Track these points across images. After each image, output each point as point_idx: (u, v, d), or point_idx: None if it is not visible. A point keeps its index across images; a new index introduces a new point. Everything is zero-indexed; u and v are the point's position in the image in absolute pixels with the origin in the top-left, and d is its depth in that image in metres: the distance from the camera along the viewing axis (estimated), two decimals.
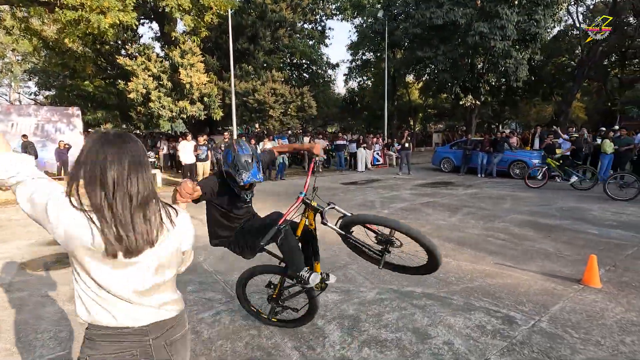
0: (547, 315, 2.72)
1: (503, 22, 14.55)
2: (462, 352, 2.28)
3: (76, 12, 8.85)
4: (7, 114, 12.41)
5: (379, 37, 23.08)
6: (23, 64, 23.88)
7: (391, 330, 2.54)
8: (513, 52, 15.65)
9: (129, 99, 13.33)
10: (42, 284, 3.49)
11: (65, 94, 19.37)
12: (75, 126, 13.43)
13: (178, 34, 13.62)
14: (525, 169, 10.99)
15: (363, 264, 3.89)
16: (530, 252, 4.17)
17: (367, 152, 14.96)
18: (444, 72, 18.21)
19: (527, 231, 5.06)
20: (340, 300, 3.04)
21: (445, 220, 5.77)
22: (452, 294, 3.12)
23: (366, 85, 31.80)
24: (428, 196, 8.15)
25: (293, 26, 19.38)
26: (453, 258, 4.01)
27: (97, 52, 16.28)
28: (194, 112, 13.47)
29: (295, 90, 16.90)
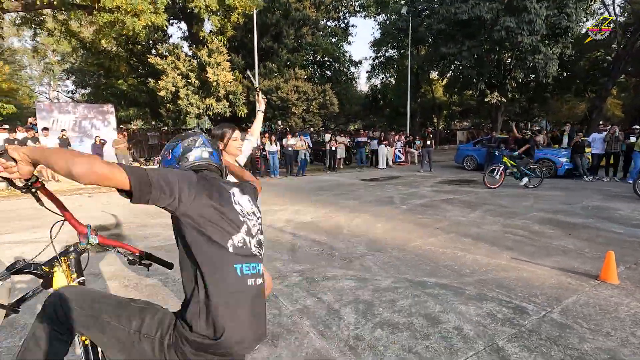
0: (559, 307, 2.77)
1: (531, 17, 14.14)
2: (471, 336, 2.40)
3: (112, 14, 9.39)
4: (49, 111, 13.31)
5: (403, 33, 22.89)
6: (62, 63, 25.36)
7: (403, 315, 2.69)
8: (542, 47, 15.17)
9: (159, 97, 13.97)
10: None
11: (100, 92, 20.43)
12: (109, 122, 14.21)
13: (206, 33, 14.10)
14: (552, 168, 10.73)
15: (379, 255, 4.04)
16: (549, 249, 4.17)
17: (389, 149, 14.96)
18: (469, 68, 17.88)
19: (547, 228, 5.02)
20: (356, 286, 3.20)
21: (464, 217, 5.80)
22: (466, 284, 3.22)
23: (389, 83, 31.56)
24: (448, 193, 8.14)
25: (316, 24, 19.57)
26: (469, 252, 4.08)
27: (130, 52, 17.08)
28: (220, 109, 13.94)
29: (317, 87, 17.11)
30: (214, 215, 1.13)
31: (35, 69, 33.10)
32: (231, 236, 1.16)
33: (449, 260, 3.82)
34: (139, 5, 8.56)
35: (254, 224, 1.25)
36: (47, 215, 1.42)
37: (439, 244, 4.39)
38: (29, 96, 32.87)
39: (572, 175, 10.45)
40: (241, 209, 1.23)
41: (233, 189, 1.27)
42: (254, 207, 1.30)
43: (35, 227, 5.34)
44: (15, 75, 31.32)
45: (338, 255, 4.05)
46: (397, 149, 15.96)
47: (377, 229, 5.17)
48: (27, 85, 33.95)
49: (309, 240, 4.62)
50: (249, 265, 1.18)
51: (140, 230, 5.16)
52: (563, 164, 10.51)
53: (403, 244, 4.40)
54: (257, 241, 1.26)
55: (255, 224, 1.27)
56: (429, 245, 4.37)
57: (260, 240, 1.29)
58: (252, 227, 1.24)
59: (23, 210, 6.90)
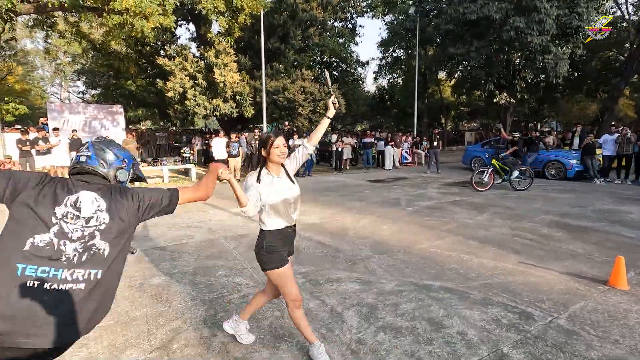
0: (566, 313, 2.72)
1: (541, 16, 13.95)
2: (475, 341, 2.37)
3: (121, 16, 9.50)
4: (60, 111, 13.52)
5: (410, 34, 22.76)
6: (73, 64, 25.77)
7: (407, 319, 2.66)
8: (552, 47, 14.95)
9: (167, 98, 14.08)
10: None
11: (110, 93, 20.69)
12: (118, 123, 14.38)
13: (213, 35, 14.18)
14: (562, 170, 10.56)
15: (384, 258, 4.02)
16: (557, 253, 4.10)
17: (395, 150, 14.89)
18: (478, 68, 17.70)
19: (556, 232, 4.94)
20: (360, 289, 3.19)
21: (472, 219, 5.74)
22: (471, 288, 3.18)
23: (396, 83, 31.41)
24: (455, 195, 8.07)
25: (323, 24, 19.54)
26: (475, 255, 4.04)
27: (139, 53, 17.26)
28: (227, 110, 14.00)
29: (324, 88, 17.08)
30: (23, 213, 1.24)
31: (47, 70, 33.69)
32: (33, 235, 1.23)
33: (455, 264, 3.79)
34: (148, 8, 8.64)
35: (75, 228, 1.28)
36: None
37: (445, 247, 4.35)
38: (41, 97, 33.48)
39: (583, 178, 10.27)
40: (68, 211, 1.28)
41: (82, 192, 1.33)
42: (99, 213, 1.33)
43: None
44: (27, 76, 31.93)
45: (343, 258, 4.04)
46: (404, 150, 15.87)
47: (383, 231, 5.15)
48: (39, 86, 34.57)
49: (314, 242, 4.61)
50: (43, 268, 1.22)
51: (146, 231, 5.21)
52: (573, 165, 10.34)
53: (409, 247, 4.37)
54: (80, 244, 1.28)
55: (79, 228, 1.29)
56: (435, 248, 4.33)
57: (89, 243, 1.30)
58: (72, 231, 1.27)
59: None
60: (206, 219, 6.00)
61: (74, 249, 1.27)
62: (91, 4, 10.46)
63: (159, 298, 3.05)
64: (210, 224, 5.66)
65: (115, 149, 1.52)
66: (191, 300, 3.00)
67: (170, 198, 1.52)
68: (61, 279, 1.23)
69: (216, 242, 4.66)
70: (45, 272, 1.22)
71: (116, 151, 1.52)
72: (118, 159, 1.51)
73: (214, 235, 4.98)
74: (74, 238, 1.27)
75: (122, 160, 1.52)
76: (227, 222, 5.79)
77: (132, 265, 3.80)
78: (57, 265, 1.24)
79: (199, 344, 2.37)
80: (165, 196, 1.51)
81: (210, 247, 4.47)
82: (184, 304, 2.95)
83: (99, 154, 1.46)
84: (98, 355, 2.25)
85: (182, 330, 2.54)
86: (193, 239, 4.83)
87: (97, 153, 1.46)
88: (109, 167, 1.46)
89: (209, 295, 3.10)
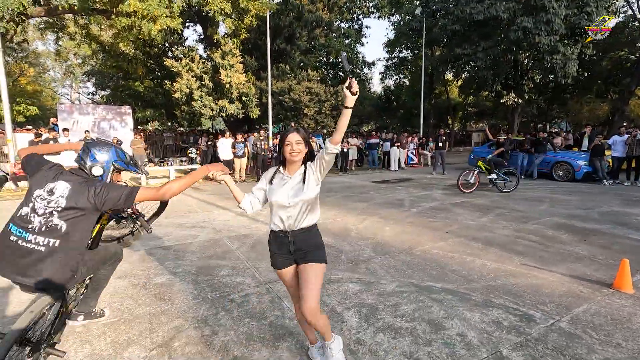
0: (568, 316, 2.70)
1: (549, 16, 13.79)
2: (475, 343, 2.36)
3: (129, 18, 9.64)
4: (70, 112, 13.75)
5: (417, 34, 22.69)
6: (83, 66, 26.15)
7: (406, 320, 2.66)
8: (560, 48, 14.77)
9: (174, 99, 14.24)
10: None
11: (119, 94, 20.95)
12: (126, 123, 14.58)
13: (220, 36, 14.30)
14: (570, 171, 10.44)
15: (386, 259, 4.02)
16: (561, 255, 4.06)
17: (401, 151, 14.85)
18: (485, 69, 17.57)
19: (561, 234, 4.89)
20: (361, 290, 3.20)
21: (475, 221, 5.70)
22: (472, 290, 3.17)
23: (403, 84, 31.32)
24: (460, 196, 8.02)
25: (329, 25, 19.57)
26: (478, 257, 4.01)
27: (147, 55, 17.48)
28: (233, 111, 14.10)
29: (330, 89, 17.12)
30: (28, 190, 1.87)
31: (58, 72, 34.25)
32: (19, 207, 1.84)
33: (457, 265, 3.77)
34: (155, 11, 8.75)
35: (40, 206, 1.79)
36: None
37: (448, 248, 4.33)
38: (52, 98, 34.05)
39: (591, 179, 10.14)
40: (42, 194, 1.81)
41: (60, 181, 1.83)
42: (60, 198, 1.80)
43: None
44: (39, 77, 32.50)
45: (344, 258, 4.05)
46: (410, 151, 15.81)
47: (385, 232, 5.15)
48: (50, 87, 35.17)
49: None
50: (19, 230, 1.79)
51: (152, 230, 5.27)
52: (581, 167, 10.21)
53: (411, 248, 4.37)
54: (43, 218, 1.78)
55: (43, 206, 1.79)
56: (438, 249, 4.32)
57: (49, 219, 1.78)
58: (38, 208, 1.79)
59: None
60: (211, 219, 6.06)
61: (39, 222, 1.78)
62: (100, 6, 10.63)
63: (162, 296, 3.09)
64: (214, 224, 5.71)
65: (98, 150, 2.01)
66: (193, 299, 3.04)
67: (127, 197, 1.87)
68: (27, 239, 1.78)
69: (220, 242, 4.70)
70: (20, 232, 1.78)
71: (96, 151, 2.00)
72: (95, 158, 1.98)
73: (218, 235, 5.03)
74: (39, 213, 1.79)
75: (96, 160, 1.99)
76: (231, 222, 5.84)
77: (137, 264, 3.86)
78: (27, 229, 1.78)
79: (200, 342, 2.40)
80: (123, 195, 1.86)
81: (214, 246, 4.52)
82: (186, 302, 2.99)
83: (84, 153, 1.97)
84: (101, 352, 2.30)
85: (183, 328, 2.58)
86: (197, 238, 4.88)
87: (83, 152, 1.97)
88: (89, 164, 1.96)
89: (211, 295, 3.13)
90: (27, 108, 16.16)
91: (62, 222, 1.77)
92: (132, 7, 8.83)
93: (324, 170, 1.92)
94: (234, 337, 2.46)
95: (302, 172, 1.94)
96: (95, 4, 10.70)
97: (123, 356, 2.26)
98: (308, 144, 1.95)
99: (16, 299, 3.07)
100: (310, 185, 1.91)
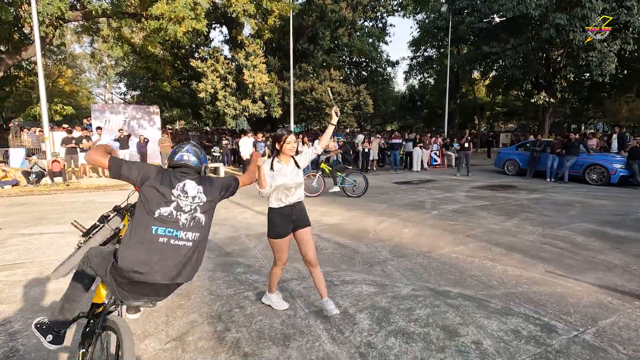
0: (593, 328, 2.56)
1: (585, 12, 13.08)
2: (490, 352, 2.28)
3: (158, 21, 9.99)
4: (102, 111, 14.40)
5: (442, 32, 22.18)
6: (115, 67, 27.33)
7: (420, 325, 2.61)
8: (597, 44, 13.98)
9: (199, 98, 14.61)
10: None
11: (148, 94, 21.78)
12: (154, 122, 15.09)
13: (244, 37, 14.55)
14: (605, 175, 9.88)
15: (402, 261, 3.95)
16: (590, 263, 3.85)
17: (424, 151, 14.56)
18: (514, 67, 16.91)
19: (591, 241, 4.64)
20: (375, 292, 3.16)
21: (498, 225, 5.51)
22: (491, 297, 3.06)
23: (427, 83, 30.70)
24: (484, 199, 7.77)
25: (353, 25, 19.48)
26: (499, 262, 3.87)
27: (175, 56, 18.04)
28: (256, 111, 14.31)
29: (352, 88, 17.04)
30: (152, 193, 1.77)
31: (93, 73, 35.97)
32: (159, 207, 1.76)
33: (476, 270, 3.66)
34: (181, 12, 9.02)
35: (186, 204, 1.81)
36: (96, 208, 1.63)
37: (468, 253, 4.21)
38: (87, 98, 35.81)
39: (628, 184, 9.56)
40: (179, 193, 1.81)
41: (186, 180, 1.86)
42: (199, 194, 1.87)
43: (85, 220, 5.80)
44: (76, 78, 34.27)
45: (360, 259, 4.02)
46: (433, 152, 15.48)
47: (403, 234, 5.06)
48: (86, 88, 37.01)
49: (333, 243, 4.62)
50: (168, 230, 1.75)
51: None
52: (617, 170, 9.64)
53: (429, 251, 4.27)
54: (189, 215, 1.81)
55: (188, 204, 1.82)
56: (457, 253, 4.20)
57: (194, 214, 1.83)
58: (184, 206, 1.81)
59: (78, 204, 7.53)
60: (231, 217, 6.17)
61: (186, 218, 1.80)
62: (131, 10, 11.07)
63: (179, 291, 3.18)
64: (234, 222, 5.81)
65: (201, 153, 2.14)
66: (209, 295, 3.11)
67: (234, 184, 2.14)
68: (179, 237, 1.77)
69: (238, 240, 4.78)
70: (171, 232, 1.76)
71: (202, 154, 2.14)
72: (205, 159, 2.13)
73: (237, 233, 5.12)
74: (185, 210, 1.81)
75: (205, 160, 2.14)
76: (250, 221, 5.92)
77: None
78: (177, 227, 1.77)
79: (212, 338, 2.45)
80: (232, 183, 2.12)
81: (232, 244, 4.60)
82: (201, 298, 3.06)
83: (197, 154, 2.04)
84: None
85: (197, 323, 2.64)
86: (217, 235, 4.99)
87: (195, 154, 2.03)
88: (200, 164, 2.04)
89: (226, 291, 3.19)
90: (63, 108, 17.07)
91: (202, 215, 1.89)
92: (160, 9, 9.14)
93: (307, 162, 2.72)
94: (245, 334, 2.50)
95: (294, 162, 2.65)
96: (126, 8, 11.16)
97: (139, 348, 2.34)
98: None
99: (53, 287, 3.25)
100: (301, 172, 2.67)
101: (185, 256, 1.78)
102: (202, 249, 1.90)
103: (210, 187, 1.94)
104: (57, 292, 3.16)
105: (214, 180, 2.01)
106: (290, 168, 2.60)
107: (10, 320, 2.70)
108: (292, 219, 2.60)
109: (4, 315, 2.77)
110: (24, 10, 10.93)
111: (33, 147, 15.15)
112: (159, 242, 1.72)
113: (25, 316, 2.74)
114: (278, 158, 2.61)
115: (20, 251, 4.35)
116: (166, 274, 1.71)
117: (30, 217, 6.17)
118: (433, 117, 29.99)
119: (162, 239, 1.73)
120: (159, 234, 1.73)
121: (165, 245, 1.73)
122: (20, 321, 2.67)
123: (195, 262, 1.86)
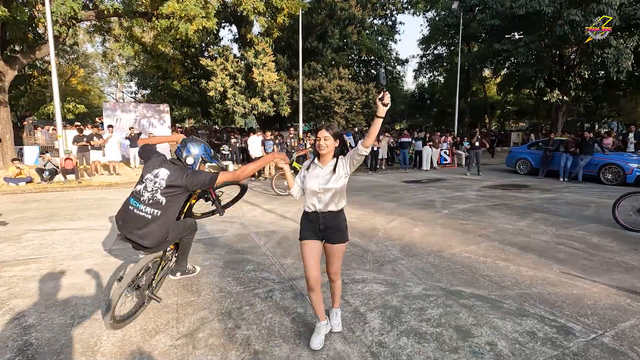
0: (612, 331, 2.48)
1: (601, 7, 12.77)
2: (505, 354, 2.22)
3: (168, 20, 10.05)
4: (113, 110, 14.58)
5: (453, 30, 21.91)
6: (126, 66, 27.66)
7: (432, 325, 2.56)
8: (613, 41, 13.64)
9: (209, 97, 14.69)
10: (134, 252, 4.16)
11: (158, 93, 21.97)
12: (164, 121, 15.23)
13: (253, 35, 14.57)
14: (620, 174, 9.65)
15: (413, 261, 3.90)
16: (607, 264, 3.75)
17: (434, 150, 14.42)
18: (526, 65, 16.62)
19: (608, 242, 4.52)
20: (386, 291, 3.12)
21: (511, 224, 5.41)
22: (505, 297, 3.00)
23: (437, 81, 30.39)
24: (496, 198, 7.65)
25: (362, 23, 19.37)
26: (512, 262, 3.80)
27: (185, 55, 18.16)
28: (264, 109, 14.33)
29: (361, 86, 16.95)
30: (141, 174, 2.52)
31: (105, 72, 36.47)
32: (136, 185, 2.49)
33: (489, 270, 3.59)
34: (191, 11, 9.06)
35: (150, 185, 2.41)
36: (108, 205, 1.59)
37: (480, 252, 4.13)
38: (99, 96, 36.34)
39: None
40: (152, 177, 2.44)
41: (162, 169, 2.44)
42: (161, 180, 2.41)
43: (97, 216, 5.87)
44: (88, 77, 34.80)
45: (370, 258, 3.98)
46: (443, 151, 15.31)
47: (414, 233, 5.01)
48: (98, 87, 37.57)
49: None
50: (135, 201, 2.43)
51: None
52: (634, 170, 9.41)
53: (440, 250, 4.21)
54: (150, 194, 2.40)
55: (151, 185, 2.41)
56: (469, 253, 4.13)
57: (154, 195, 2.40)
58: (149, 187, 2.41)
59: (90, 201, 7.63)
60: (240, 214, 6.19)
61: (147, 196, 2.40)
62: (142, 9, 11.16)
63: (190, 288, 3.19)
64: (243, 219, 5.82)
65: (192, 145, 2.61)
66: (219, 292, 3.11)
67: (211, 179, 2.42)
68: (140, 209, 2.41)
69: (247, 238, 4.78)
70: (135, 203, 2.43)
71: (191, 145, 2.61)
72: (189, 151, 2.59)
73: (246, 231, 5.12)
74: (148, 190, 2.41)
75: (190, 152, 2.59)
76: (259, 218, 5.93)
77: None
78: (140, 202, 2.41)
79: (223, 335, 2.44)
80: (208, 178, 2.42)
81: (241, 241, 4.60)
82: (212, 295, 3.06)
83: (182, 146, 2.59)
84: (131, 338, 2.40)
85: (208, 320, 2.64)
86: (226, 233, 5.00)
87: (181, 146, 2.59)
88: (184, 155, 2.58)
89: (236, 289, 3.19)
90: (76, 106, 17.31)
91: (163, 197, 2.38)
92: (171, 8, 9.20)
93: (353, 167, 2.22)
94: (255, 331, 2.49)
95: (333, 164, 2.23)
96: (137, 7, 11.26)
97: (150, 343, 2.35)
98: (340, 139, 2.24)
99: (66, 282, 3.29)
100: (340, 177, 2.22)
101: (146, 225, 2.37)
102: (164, 224, 2.42)
103: (176, 176, 2.40)
104: (69, 287, 3.19)
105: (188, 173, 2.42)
106: (326, 171, 2.22)
107: (24, 314, 2.73)
108: (320, 228, 2.25)
109: (18, 309, 2.81)
110: (38, 10, 11.12)
111: (47, 145, 15.42)
112: (129, 208, 2.43)
113: (39, 310, 2.77)
114: (318, 159, 2.29)
115: (34, 246, 4.42)
116: (130, 232, 2.39)
117: (44, 214, 6.27)
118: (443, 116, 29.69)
119: (130, 207, 2.43)
120: (130, 203, 2.44)
121: (131, 212, 2.41)
122: (34, 315, 2.70)
123: (157, 234, 2.40)
